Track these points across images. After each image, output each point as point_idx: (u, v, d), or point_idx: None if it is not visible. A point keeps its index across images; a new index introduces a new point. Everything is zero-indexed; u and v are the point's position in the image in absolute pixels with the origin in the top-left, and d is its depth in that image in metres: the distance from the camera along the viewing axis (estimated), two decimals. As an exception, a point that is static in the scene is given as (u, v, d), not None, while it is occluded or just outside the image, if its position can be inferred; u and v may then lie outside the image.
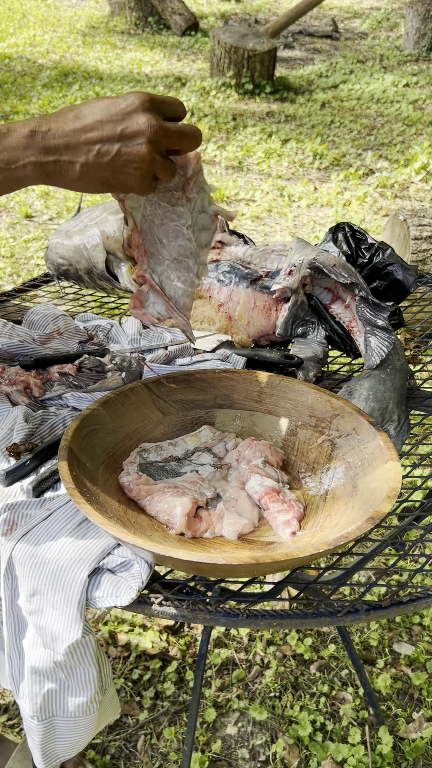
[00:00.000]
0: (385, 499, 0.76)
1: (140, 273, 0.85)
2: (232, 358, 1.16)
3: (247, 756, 1.48)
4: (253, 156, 5.20)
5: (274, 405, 1.01)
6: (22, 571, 0.77)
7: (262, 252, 1.36)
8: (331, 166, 5.09)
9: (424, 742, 1.50)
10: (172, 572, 1.46)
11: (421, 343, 1.36)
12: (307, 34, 8.47)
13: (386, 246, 1.35)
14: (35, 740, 0.83)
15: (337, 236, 1.38)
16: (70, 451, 0.82)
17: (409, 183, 4.75)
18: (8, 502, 0.84)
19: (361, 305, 1.15)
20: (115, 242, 1.31)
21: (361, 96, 6.42)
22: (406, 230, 3.24)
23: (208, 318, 1.29)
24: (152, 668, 1.66)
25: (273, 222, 4.22)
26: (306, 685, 1.64)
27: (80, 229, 1.40)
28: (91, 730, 0.84)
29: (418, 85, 6.68)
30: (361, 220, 4.17)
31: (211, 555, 0.68)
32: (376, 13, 9.21)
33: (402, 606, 0.77)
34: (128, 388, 0.97)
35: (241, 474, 0.92)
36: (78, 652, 0.77)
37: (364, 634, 1.76)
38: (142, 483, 0.87)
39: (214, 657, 1.69)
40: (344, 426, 0.93)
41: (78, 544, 0.77)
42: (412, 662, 1.70)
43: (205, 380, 1.03)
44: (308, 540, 0.80)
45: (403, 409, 1.07)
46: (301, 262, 1.19)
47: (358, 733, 1.51)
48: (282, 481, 0.92)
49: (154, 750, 1.50)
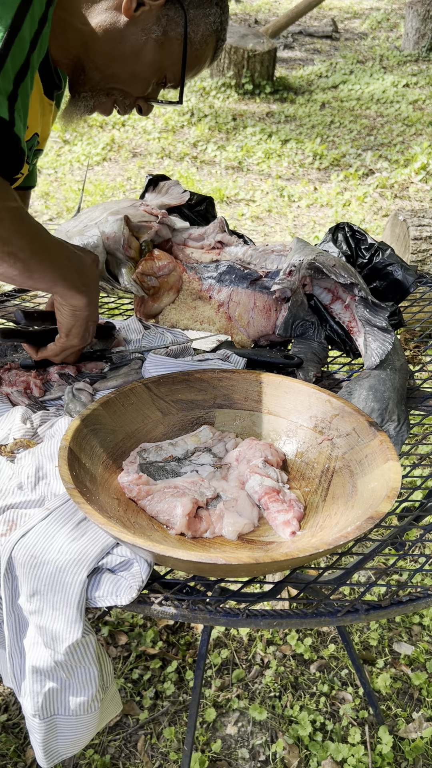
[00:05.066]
0: (385, 499, 0.76)
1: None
2: (233, 358, 1.16)
3: (247, 756, 1.49)
4: (253, 156, 5.20)
5: (274, 405, 1.01)
6: (21, 572, 0.77)
7: (261, 252, 1.36)
8: (331, 166, 5.09)
9: (423, 742, 1.50)
10: (172, 572, 1.46)
11: (421, 343, 1.36)
12: (307, 35, 8.47)
13: (386, 246, 1.35)
14: (37, 738, 0.83)
15: (336, 236, 1.38)
16: (70, 451, 0.82)
17: (409, 183, 4.75)
18: (8, 502, 0.84)
19: (361, 305, 1.15)
20: (114, 243, 1.31)
21: (361, 96, 6.42)
22: (406, 230, 3.24)
23: (208, 318, 1.29)
24: (152, 668, 1.66)
25: (273, 222, 4.22)
26: (306, 685, 1.64)
27: (80, 229, 1.40)
28: (92, 727, 0.84)
29: (418, 86, 6.69)
30: (361, 220, 4.18)
31: (211, 555, 0.68)
32: (375, 13, 9.21)
33: (402, 606, 0.77)
34: (128, 388, 0.98)
35: (241, 474, 0.92)
36: (78, 651, 0.77)
37: (364, 634, 1.76)
38: (142, 483, 0.87)
39: (214, 657, 1.69)
40: (344, 426, 0.93)
41: (77, 544, 0.77)
42: (412, 662, 1.70)
43: (205, 380, 1.03)
44: (308, 540, 0.81)
45: (403, 409, 1.07)
46: (300, 262, 1.19)
47: (358, 733, 1.51)
48: (282, 481, 0.92)
49: (154, 750, 1.50)
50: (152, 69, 0.99)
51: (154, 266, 1.30)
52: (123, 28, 0.94)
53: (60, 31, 0.93)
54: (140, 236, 1.35)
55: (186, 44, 0.98)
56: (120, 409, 0.95)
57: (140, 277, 1.30)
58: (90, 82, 0.99)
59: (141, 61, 0.97)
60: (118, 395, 0.96)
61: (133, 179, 4.84)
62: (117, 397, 0.96)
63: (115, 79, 0.99)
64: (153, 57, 0.97)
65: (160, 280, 1.31)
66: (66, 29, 0.94)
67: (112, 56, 0.96)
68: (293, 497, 0.88)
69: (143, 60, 0.97)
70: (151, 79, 1.00)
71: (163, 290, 1.32)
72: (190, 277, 1.33)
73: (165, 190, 1.54)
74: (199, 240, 1.41)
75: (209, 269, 1.34)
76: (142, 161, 5.17)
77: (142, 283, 1.30)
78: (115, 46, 0.95)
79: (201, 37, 1.00)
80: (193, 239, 1.41)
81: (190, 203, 1.53)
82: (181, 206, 1.52)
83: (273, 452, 0.95)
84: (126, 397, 0.97)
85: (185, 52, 0.98)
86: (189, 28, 0.97)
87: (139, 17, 0.93)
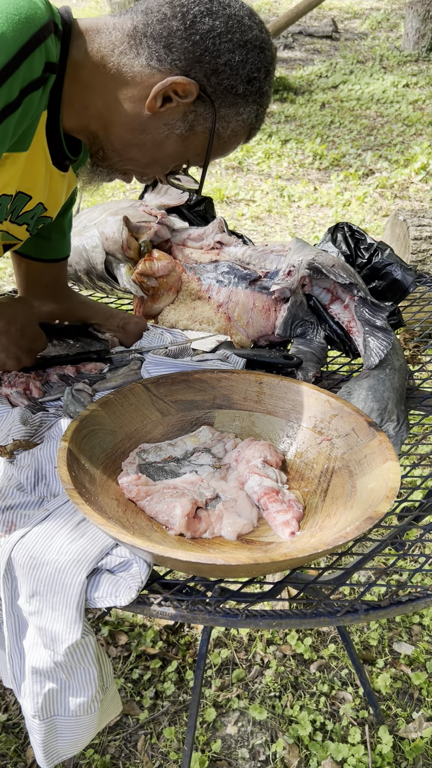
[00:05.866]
0: (384, 499, 0.76)
1: None
2: (232, 358, 1.16)
3: (247, 756, 1.49)
4: (253, 156, 5.20)
5: (273, 405, 1.01)
6: (21, 573, 0.77)
7: (261, 252, 1.36)
8: (330, 166, 5.09)
9: (423, 742, 1.50)
10: (172, 572, 1.46)
11: (420, 343, 1.36)
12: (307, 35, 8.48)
13: (385, 246, 1.35)
14: (37, 739, 0.83)
15: (336, 236, 1.38)
16: (69, 452, 0.82)
17: (409, 183, 4.75)
18: (7, 503, 0.85)
19: (360, 305, 1.15)
20: (114, 243, 1.32)
21: (361, 96, 6.42)
22: (406, 230, 3.24)
23: (207, 318, 1.29)
24: (152, 668, 1.66)
25: (273, 222, 4.22)
26: (306, 684, 1.64)
27: (79, 230, 1.40)
28: (92, 728, 0.84)
29: (418, 86, 6.69)
30: (361, 220, 4.18)
31: (210, 555, 0.68)
32: (375, 13, 9.21)
33: (401, 606, 0.77)
34: (127, 389, 0.98)
35: (240, 474, 0.92)
36: (78, 652, 0.77)
37: (364, 634, 1.76)
38: (142, 484, 0.87)
39: (214, 657, 1.69)
40: (343, 426, 0.93)
41: (76, 545, 0.77)
42: (412, 662, 1.70)
43: (204, 381, 1.03)
44: (307, 540, 0.81)
45: (402, 409, 1.07)
46: (300, 262, 1.19)
47: (358, 733, 1.51)
48: (281, 481, 0.92)
49: (154, 750, 1.50)
50: (173, 159, 0.95)
51: (153, 267, 1.30)
52: (145, 120, 0.89)
53: (81, 107, 0.90)
54: (139, 237, 1.35)
55: (212, 139, 0.92)
56: (119, 410, 0.95)
57: (139, 277, 1.30)
58: (107, 161, 0.96)
59: (162, 152, 0.93)
60: (117, 396, 0.96)
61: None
62: (116, 398, 0.96)
63: (134, 163, 0.95)
64: (175, 149, 0.93)
65: (159, 281, 1.31)
66: (87, 106, 0.90)
67: (131, 143, 0.92)
68: (292, 497, 0.88)
69: (164, 150, 0.93)
70: (171, 166, 0.97)
71: (162, 291, 1.33)
72: (190, 277, 1.33)
73: (164, 191, 1.54)
74: (198, 240, 1.41)
75: (208, 269, 1.34)
76: (142, 161, 5.16)
77: (142, 284, 1.30)
78: (136, 135, 0.91)
79: (231, 132, 0.94)
80: (193, 239, 1.42)
81: (189, 203, 1.53)
82: (180, 206, 1.52)
83: (272, 452, 0.95)
84: (125, 397, 0.97)
85: (210, 146, 0.93)
86: (218, 124, 0.91)
87: (164, 113, 0.89)
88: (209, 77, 0.87)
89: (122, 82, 0.88)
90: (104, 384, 1.08)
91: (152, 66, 0.87)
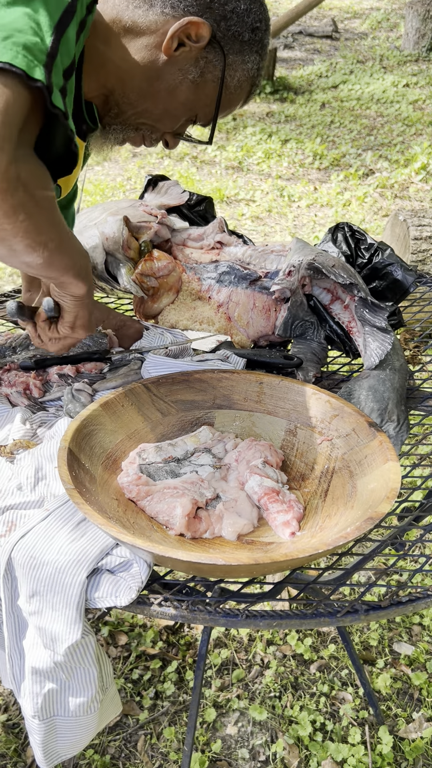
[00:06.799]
0: (385, 500, 0.76)
1: None
2: (232, 358, 1.16)
3: (247, 756, 1.49)
4: (253, 156, 5.20)
5: (273, 405, 1.01)
6: (21, 573, 0.77)
7: (261, 252, 1.36)
8: (331, 166, 5.09)
9: (424, 742, 1.50)
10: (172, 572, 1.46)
11: (421, 343, 1.36)
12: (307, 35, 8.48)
13: (385, 246, 1.35)
14: (36, 739, 0.83)
15: (336, 236, 1.38)
16: (69, 452, 0.82)
17: (409, 183, 4.75)
18: (7, 502, 0.84)
19: (360, 306, 1.15)
20: (114, 243, 1.31)
21: (361, 96, 6.42)
22: (406, 230, 3.24)
23: (207, 319, 1.29)
24: (152, 668, 1.66)
25: (273, 222, 4.22)
26: (306, 685, 1.64)
27: (79, 230, 1.40)
28: (92, 728, 0.84)
29: (418, 86, 6.69)
30: (361, 220, 4.18)
31: (211, 555, 0.68)
32: (375, 13, 9.21)
33: (402, 606, 0.77)
34: (127, 389, 0.98)
35: (241, 474, 0.92)
36: (78, 652, 0.77)
37: (364, 634, 1.76)
38: (142, 484, 0.87)
39: (214, 657, 1.69)
40: (343, 426, 0.93)
41: (76, 545, 0.77)
42: (412, 662, 1.70)
43: (205, 381, 1.03)
44: (308, 540, 0.81)
45: (403, 409, 1.07)
46: (300, 262, 1.19)
47: (358, 733, 1.51)
48: (281, 481, 0.92)
49: (154, 750, 1.50)
50: (185, 108, 0.99)
51: (153, 267, 1.30)
52: (161, 66, 0.94)
53: (98, 64, 0.93)
54: (140, 237, 1.35)
55: (222, 87, 0.98)
56: (119, 410, 0.95)
57: (139, 277, 1.30)
58: (121, 116, 0.99)
59: (174, 100, 0.97)
60: (117, 396, 0.96)
61: (132, 179, 4.84)
62: (116, 398, 0.96)
63: (147, 115, 0.99)
64: (187, 97, 0.97)
65: (159, 281, 1.31)
66: (105, 62, 0.93)
67: (146, 93, 0.96)
68: (293, 498, 0.88)
69: (177, 98, 0.97)
70: (182, 117, 1.00)
71: (162, 291, 1.32)
72: (190, 277, 1.33)
73: (164, 191, 1.54)
74: (198, 240, 1.41)
75: (208, 269, 1.34)
76: (142, 161, 5.18)
77: (142, 284, 1.30)
78: (152, 83, 0.95)
79: (237, 82, 1.00)
80: (193, 239, 1.42)
81: (189, 203, 1.53)
82: (180, 206, 1.52)
83: (272, 453, 0.95)
84: (125, 397, 0.97)
85: (220, 94, 0.98)
86: (226, 72, 0.97)
87: (179, 57, 0.93)
88: (219, 23, 0.93)
89: (138, 33, 0.93)
90: (104, 384, 1.08)
91: (166, 13, 0.92)
